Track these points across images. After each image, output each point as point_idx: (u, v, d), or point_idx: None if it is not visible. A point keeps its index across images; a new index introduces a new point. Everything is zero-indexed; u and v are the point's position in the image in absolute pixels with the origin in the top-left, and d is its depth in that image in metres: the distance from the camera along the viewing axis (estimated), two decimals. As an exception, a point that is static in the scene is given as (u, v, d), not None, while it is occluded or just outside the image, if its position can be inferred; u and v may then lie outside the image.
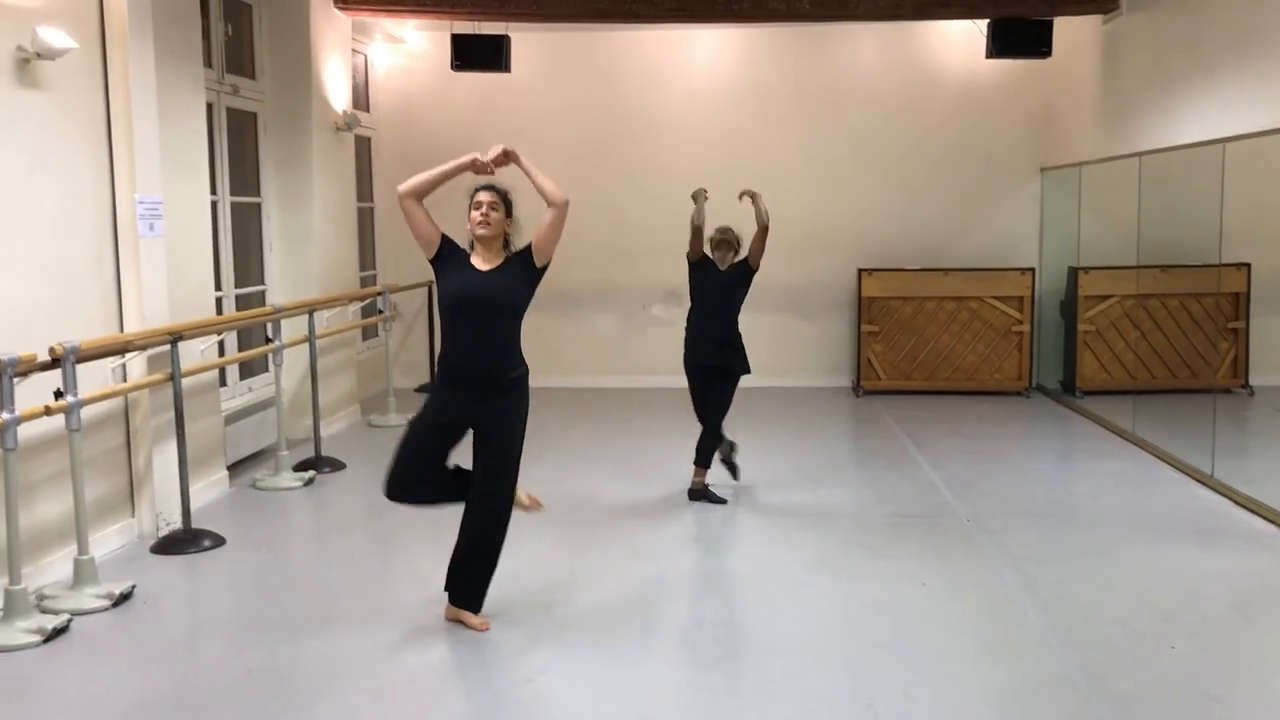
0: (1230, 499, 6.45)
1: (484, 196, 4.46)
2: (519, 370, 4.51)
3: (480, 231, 4.42)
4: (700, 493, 6.49)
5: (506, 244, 4.53)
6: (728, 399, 6.48)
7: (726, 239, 6.46)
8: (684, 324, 6.63)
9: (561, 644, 4.44)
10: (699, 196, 6.45)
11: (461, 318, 4.40)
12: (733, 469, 6.76)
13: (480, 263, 4.46)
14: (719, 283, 6.44)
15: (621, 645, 4.42)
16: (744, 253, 6.49)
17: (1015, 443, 8.29)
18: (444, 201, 4.61)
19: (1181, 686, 4.02)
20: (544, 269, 4.53)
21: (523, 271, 4.47)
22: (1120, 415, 8.41)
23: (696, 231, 6.43)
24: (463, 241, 4.57)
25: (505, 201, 4.49)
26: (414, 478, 4.47)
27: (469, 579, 4.58)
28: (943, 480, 7.00)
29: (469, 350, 4.40)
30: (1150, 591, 5.02)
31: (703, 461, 6.53)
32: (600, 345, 10.73)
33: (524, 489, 4.66)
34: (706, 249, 6.49)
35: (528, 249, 4.50)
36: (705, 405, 6.49)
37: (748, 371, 6.52)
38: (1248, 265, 8.82)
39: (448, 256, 4.47)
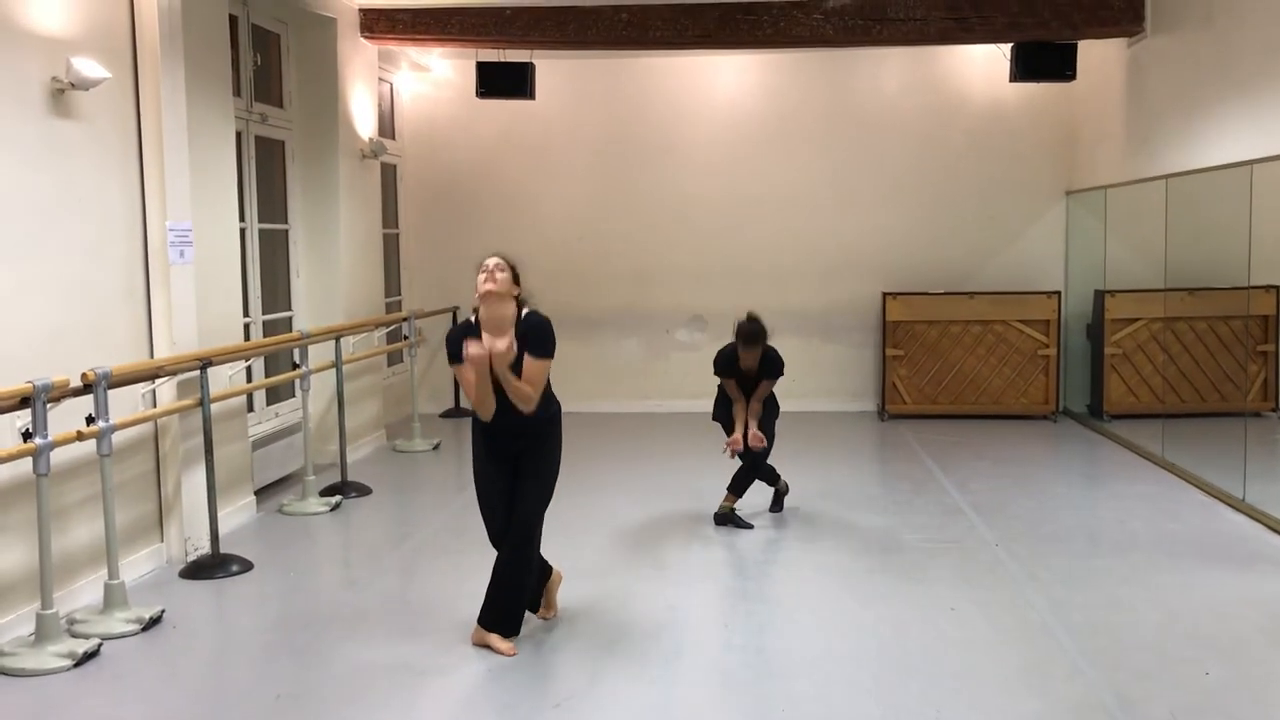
0: (1262, 523, 6.38)
1: (491, 261, 4.47)
2: (550, 411, 4.64)
3: (486, 287, 4.38)
4: (726, 517, 6.48)
5: (520, 307, 4.51)
6: (768, 440, 6.51)
7: (755, 331, 6.25)
8: (708, 349, 6.63)
9: (589, 668, 4.43)
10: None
11: None
12: (778, 501, 6.80)
13: (491, 341, 4.35)
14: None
15: (649, 669, 4.41)
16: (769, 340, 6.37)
17: (1042, 467, 8.23)
18: (463, 247, 4.64)
19: (1217, 712, 3.96)
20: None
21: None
22: (1149, 439, 8.34)
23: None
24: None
25: (513, 270, 4.50)
26: (503, 525, 4.61)
27: (501, 604, 4.62)
28: (969, 504, 6.96)
29: (500, 412, 4.48)
30: (1182, 616, 4.97)
31: (736, 490, 6.54)
32: (624, 370, 10.73)
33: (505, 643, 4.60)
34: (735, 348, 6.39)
35: (545, 340, 4.48)
36: (746, 452, 6.51)
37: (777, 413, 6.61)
38: (1277, 288, 8.75)
39: (456, 346, 4.45)
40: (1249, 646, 4.64)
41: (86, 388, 4.81)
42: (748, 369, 6.36)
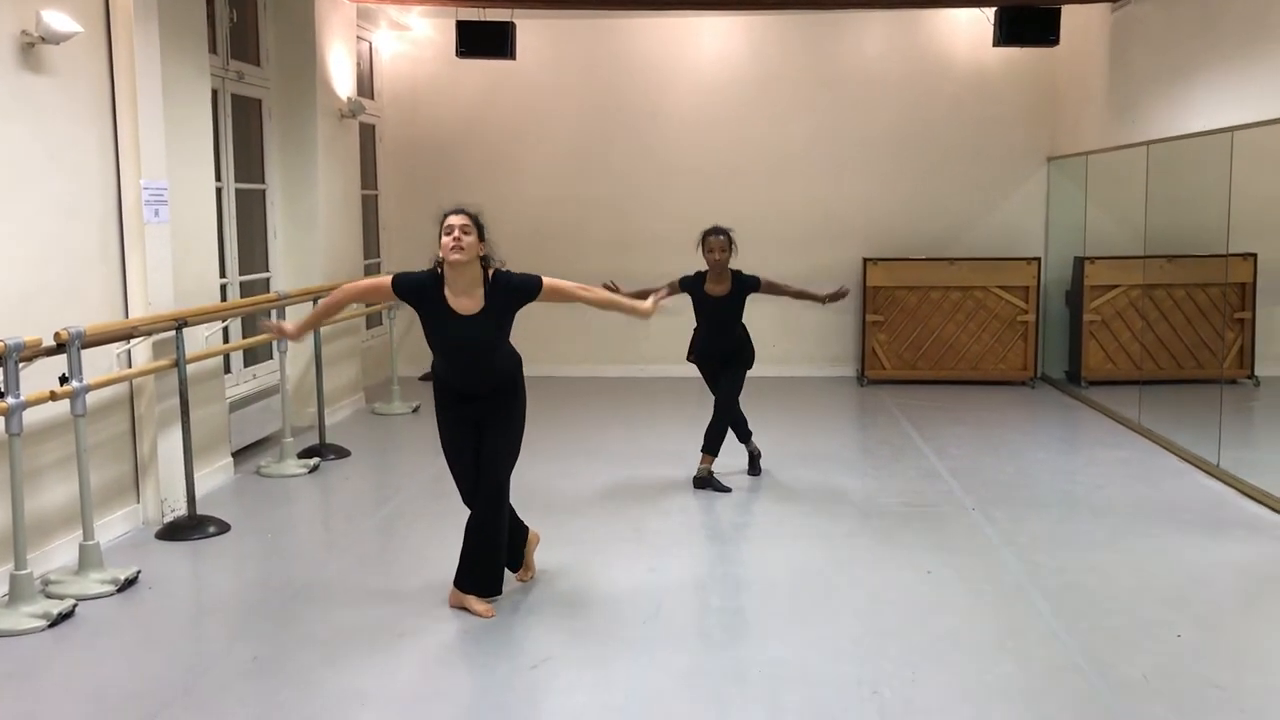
0: (1236, 489, 6.43)
1: (455, 220, 4.33)
2: (509, 363, 4.62)
3: (454, 257, 4.31)
4: (705, 480, 6.48)
5: (485, 265, 4.44)
6: (738, 381, 6.55)
7: (720, 243, 6.36)
8: (689, 314, 6.61)
9: (566, 629, 4.44)
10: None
11: (448, 355, 4.53)
12: (754, 464, 6.85)
13: (457, 301, 4.39)
14: (718, 309, 6.47)
15: (627, 631, 4.42)
16: (733, 258, 6.42)
17: (1020, 432, 8.27)
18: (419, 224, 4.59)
19: (1188, 675, 4.01)
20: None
21: (514, 303, 4.47)
22: (1126, 405, 8.39)
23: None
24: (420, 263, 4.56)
25: (478, 224, 4.39)
26: (477, 483, 4.59)
27: (476, 566, 4.61)
28: (947, 469, 6.99)
29: (461, 378, 4.54)
30: (1156, 580, 5.01)
31: (711, 449, 6.54)
32: (604, 335, 10.69)
33: (481, 603, 4.59)
34: (701, 249, 6.41)
35: (531, 287, 4.46)
36: (716, 385, 6.60)
37: (752, 362, 6.63)
38: (1254, 255, 8.79)
39: (414, 298, 4.45)
40: (1221, 610, 4.70)
41: (60, 347, 4.75)
42: (717, 294, 6.41)
